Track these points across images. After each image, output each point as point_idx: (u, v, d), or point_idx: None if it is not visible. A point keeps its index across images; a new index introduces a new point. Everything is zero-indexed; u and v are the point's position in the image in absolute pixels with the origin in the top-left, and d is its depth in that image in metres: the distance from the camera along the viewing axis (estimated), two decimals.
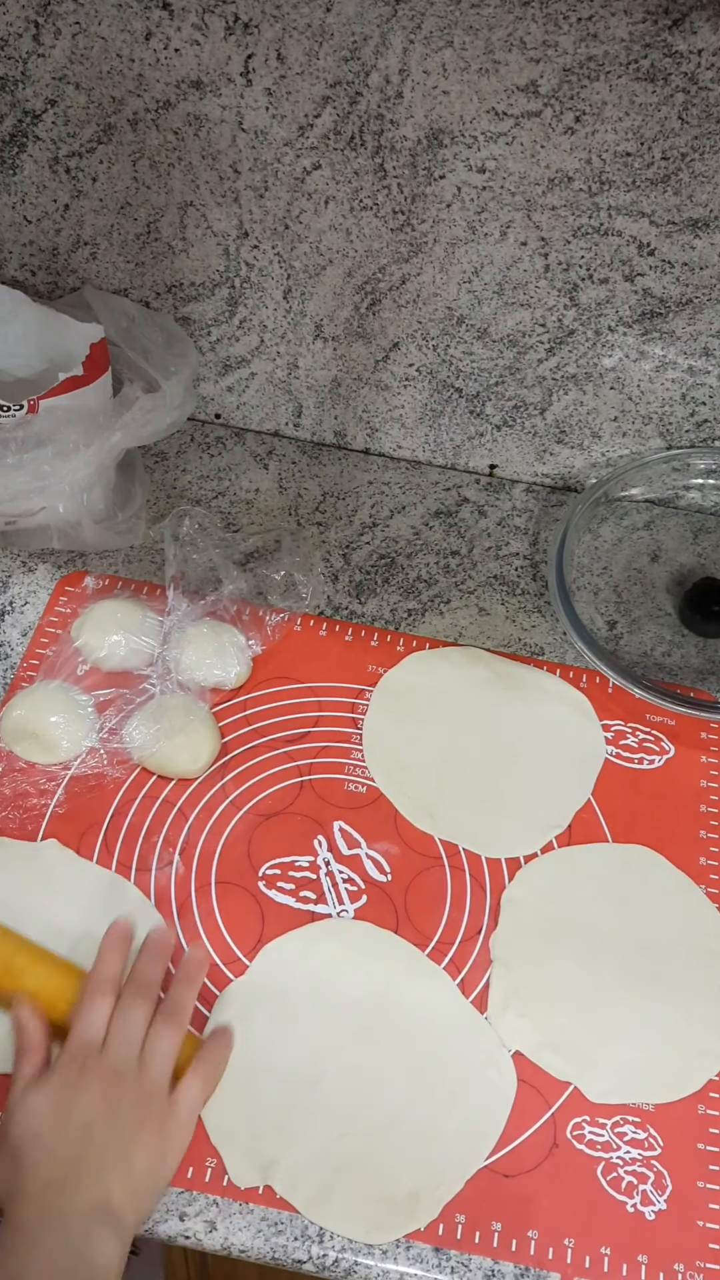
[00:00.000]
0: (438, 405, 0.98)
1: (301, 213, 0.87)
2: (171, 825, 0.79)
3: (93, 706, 0.83)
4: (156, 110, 0.83)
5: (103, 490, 0.90)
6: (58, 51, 0.81)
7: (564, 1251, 0.65)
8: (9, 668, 0.86)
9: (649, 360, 0.91)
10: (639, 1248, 0.65)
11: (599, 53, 0.75)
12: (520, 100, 0.78)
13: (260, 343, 0.97)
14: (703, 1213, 0.67)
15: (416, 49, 0.76)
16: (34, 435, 0.81)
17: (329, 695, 0.86)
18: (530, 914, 0.77)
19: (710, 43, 0.73)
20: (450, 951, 0.75)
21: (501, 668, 0.89)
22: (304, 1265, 0.65)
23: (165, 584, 0.88)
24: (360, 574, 0.94)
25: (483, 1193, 0.66)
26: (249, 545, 0.94)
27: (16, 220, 0.92)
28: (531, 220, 0.84)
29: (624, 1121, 0.69)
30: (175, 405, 0.88)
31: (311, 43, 0.77)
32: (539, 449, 1.00)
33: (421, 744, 0.84)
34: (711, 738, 0.86)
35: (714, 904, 0.78)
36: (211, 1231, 0.65)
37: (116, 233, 0.92)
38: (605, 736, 0.86)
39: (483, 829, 0.81)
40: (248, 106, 0.82)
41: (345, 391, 0.99)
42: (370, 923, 0.76)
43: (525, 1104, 0.69)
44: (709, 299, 0.87)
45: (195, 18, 0.78)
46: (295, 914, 0.76)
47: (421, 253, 0.88)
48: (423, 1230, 0.65)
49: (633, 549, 0.98)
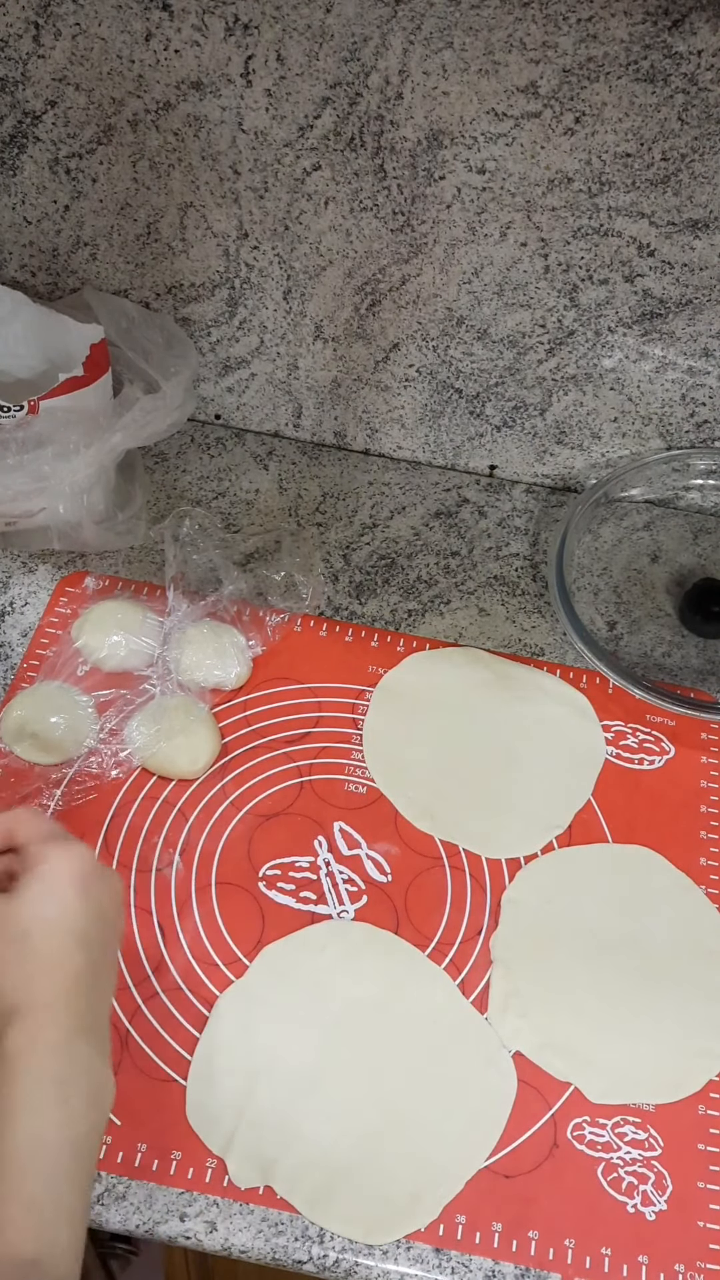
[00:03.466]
0: (438, 406, 0.98)
1: (301, 213, 0.87)
2: (171, 826, 0.79)
3: (93, 707, 0.83)
4: (156, 111, 0.83)
5: (103, 491, 0.90)
6: (58, 52, 0.81)
7: (564, 1252, 0.65)
8: (9, 668, 0.86)
9: (649, 361, 0.92)
10: (639, 1248, 0.65)
11: (599, 54, 0.75)
12: (520, 101, 0.78)
13: (260, 343, 0.97)
14: (703, 1213, 0.67)
15: (416, 50, 0.76)
16: (34, 436, 0.81)
17: (329, 696, 0.86)
18: (530, 914, 0.77)
19: (710, 44, 0.73)
20: (450, 952, 0.75)
21: (502, 668, 0.89)
22: (304, 1266, 0.65)
23: (165, 585, 0.88)
24: (360, 574, 0.94)
25: (483, 1193, 0.66)
26: (249, 546, 0.94)
27: (16, 221, 0.92)
28: (531, 221, 0.84)
29: (624, 1122, 0.69)
30: (175, 406, 0.88)
31: (311, 44, 0.77)
32: (539, 449, 1.00)
33: (421, 744, 0.84)
34: (711, 738, 0.86)
35: (714, 904, 0.78)
36: (212, 1232, 0.65)
37: (116, 233, 0.92)
38: (605, 737, 0.86)
39: (483, 829, 0.81)
40: (248, 107, 0.82)
41: (345, 392, 0.99)
42: (370, 923, 0.76)
43: (525, 1104, 0.69)
44: (709, 299, 0.87)
45: (195, 19, 0.78)
46: (295, 914, 0.76)
47: (421, 253, 0.88)
48: (423, 1231, 0.65)
49: (633, 549, 0.98)
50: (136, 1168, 0.66)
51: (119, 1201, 0.65)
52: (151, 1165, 0.66)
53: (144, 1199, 0.65)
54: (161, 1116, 0.68)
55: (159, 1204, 0.65)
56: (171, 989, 0.72)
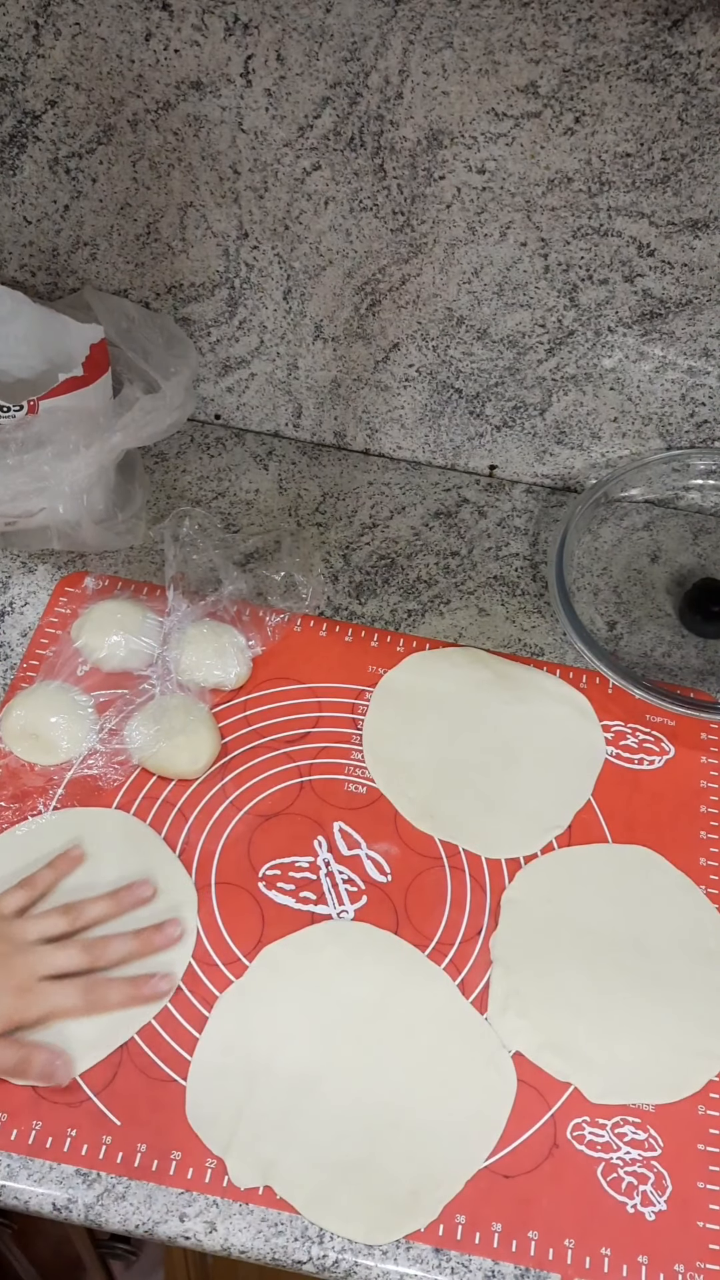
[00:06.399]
0: (438, 406, 0.98)
1: (301, 213, 0.87)
2: (171, 826, 0.79)
3: (93, 707, 0.83)
4: (156, 111, 0.83)
5: (103, 491, 0.90)
6: (57, 52, 0.81)
7: (564, 1252, 0.65)
8: (9, 668, 0.86)
9: (649, 361, 0.92)
10: (639, 1248, 0.65)
11: (599, 53, 0.75)
12: (520, 101, 0.78)
13: (260, 343, 0.97)
14: (703, 1213, 0.67)
15: (416, 50, 0.76)
16: (34, 436, 0.81)
17: (329, 696, 0.86)
18: (530, 915, 0.77)
19: (710, 43, 0.73)
20: (450, 952, 0.75)
21: (501, 668, 0.89)
22: (304, 1266, 0.65)
23: (165, 585, 0.88)
24: (360, 574, 0.94)
25: (483, 1193, 0.66)
26: (249, 546, 0.94)
27: (16, 221, 0.92)
28: (531, 221, 0.84)
29: (624, 1122, 0.69)
30: (175, 406, 0.88)
31: (311, 43, 0.77)
32: (539, 449, 1.00)
33: (421, 744, 0.84)
34: (711, 738, 0.86)
35: (714, 904, 0.78)
36: (212, 1232, 0.65)
37: (116, 233, 0.92)
38: (605, 737, 0.86)
39: (483, 829, 0.81)
40: (247, 107, 0.82)
41: (345, 392, 0.99)
42: (370, 924, 0.76)
43: (525, 1104, 0.69)
44: (709, 299, 0.87)
45: (195, 19, 0.78)
46: (295, 915, 0.76)
47: (421, 253, 0.88)
48: (423, 1231, 0.65)
49: (633, 549, 0.98)
50: (136, 1168, 0.66)
51: (119, 1201, 0.65)
52: (151, 1165, 0.66)
53: (144, 1199, 0.65)
54: (161, 1116, 0.68)
55: (159, 1204, 0.65)
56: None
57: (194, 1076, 0.69)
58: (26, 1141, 0.66)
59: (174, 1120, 0.68)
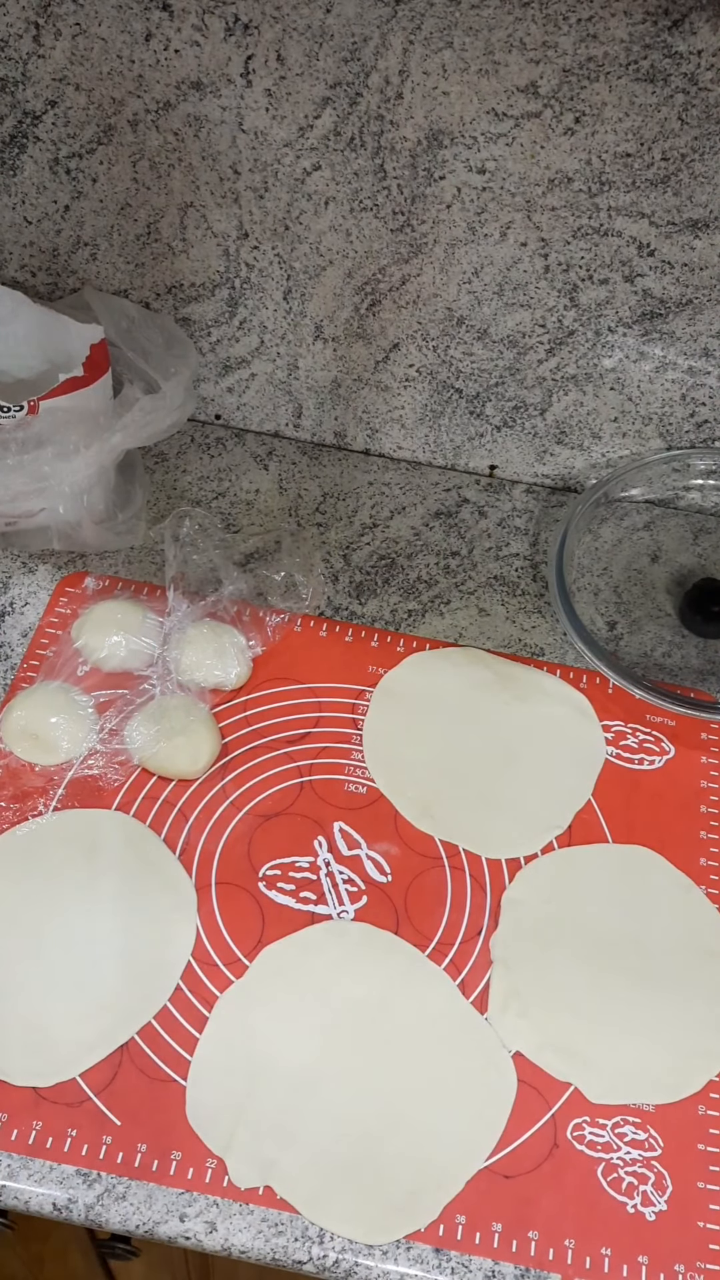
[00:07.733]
0: (438, 406, 0.98)
1: (301, 213, 0.87)
2: (171, 826, 0.79)
3: (93, 707, 0.83)
4: (156, 111, 0.83)
5: (103, 491, 0.90)
6: (58, 52, 0.81)
7: (564, 1252, 0.65)
8: (9, 668, 0.86)
9: (649, 361, 0.92)
10: (639, 1248, 0.65)
11: (599, 53, 0.75)
12: (520, 101, 0.78)
13: (260, 343, 0.97)
14: (703, 1213, 0.67)
15: (416, 50, 0.76)
16: (34, 436, 0.81)
17: (329, 696, 0.86)
18: (530, 915, 0.77)
19: (710, 43, 0.73)
20: (450, 952, 0.75)
21: (501, 668, 0.89)
22: (304, 1266, 0.65)
23: (165, 585, 0.88)
24: (360, 575, 0.94)
25: (483, 1193, 0.66)
26: (249, 546, 0.94)
27: (16, 221, 0.92)
28: (531, 221, 0.84)
29: (624, 1122, 0.69)
30: (175, 406, 0.88)
31: (311, 44, 0.77)
32: (539, 450, 1.00)
33: (421, 744, 0.84)
34: (711, 738, 0.86)
35: (714, 904, 0.78)
36: (212, 1232, 0.65)
37: (116, 233, 0.92)
38: (605, 737, 0.86)
39: (483, 829, 0.81)
40: (248, 107, 0.82)
41: (345, 392, 0.99)
42: (370, 924, 0.76)
43: (525, 1105, 0.69)
44: (709, 299, 0.87)
45: (195, 19, 0.78)
46: (295, 915, 0.76)
47: (421, 253, 0.88)
48: (423, 1231, 0.65)
49: (633, 549, 0.98)
50: (136, 1168, 0.66)
51: (119, 1201, 0.65)
52: (151, 1165, 0.66)
53: (144, 1199, 0.65)
54: (161, 1116, 0.68)
55: (159, 1204, 0.65)
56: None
57: (194, 1076, 0.69)
58: (27, 1141, 0.66)
59: (174, 1120, 0.68)
